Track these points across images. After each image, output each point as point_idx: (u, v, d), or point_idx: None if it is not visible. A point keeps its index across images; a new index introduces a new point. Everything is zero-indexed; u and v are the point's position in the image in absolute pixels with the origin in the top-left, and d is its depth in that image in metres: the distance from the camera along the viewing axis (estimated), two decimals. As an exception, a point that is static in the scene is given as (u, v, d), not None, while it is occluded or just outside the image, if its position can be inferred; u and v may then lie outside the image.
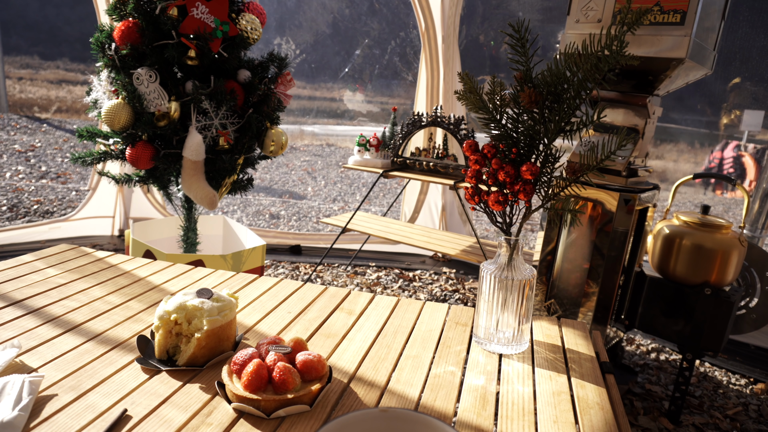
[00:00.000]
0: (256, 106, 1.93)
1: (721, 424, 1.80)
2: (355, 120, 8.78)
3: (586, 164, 0.84)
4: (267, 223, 4.56)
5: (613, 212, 1.62)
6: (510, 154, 0.88)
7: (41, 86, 8.75)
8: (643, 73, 1.61)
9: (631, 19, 0.79)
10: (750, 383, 2.11)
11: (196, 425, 0.66)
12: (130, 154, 1.77)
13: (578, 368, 0.86)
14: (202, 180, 1.83)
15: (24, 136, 6.70)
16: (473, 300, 2.77)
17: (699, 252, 1.65)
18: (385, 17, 8.40)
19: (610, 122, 1.75)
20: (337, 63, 8.51)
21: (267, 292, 1.11)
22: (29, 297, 1.01)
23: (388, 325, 0.99)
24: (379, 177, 2.52)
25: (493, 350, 0.90)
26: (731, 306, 1.62)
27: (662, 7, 1.49)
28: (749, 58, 6.26)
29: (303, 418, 0.68)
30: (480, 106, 0.89)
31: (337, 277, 2.99)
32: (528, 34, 0.84)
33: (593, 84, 0.81)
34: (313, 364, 0.72)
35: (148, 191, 3.39)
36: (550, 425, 0.70)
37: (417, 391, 0.76)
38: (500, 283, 0.88)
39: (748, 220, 2.60)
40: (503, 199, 0.88)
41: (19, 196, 4.41)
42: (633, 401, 1.89)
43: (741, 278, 1.98)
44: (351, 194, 5.92)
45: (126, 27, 1.71)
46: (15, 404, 0.65)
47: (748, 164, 6.20)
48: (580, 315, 1.73)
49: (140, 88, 1.72)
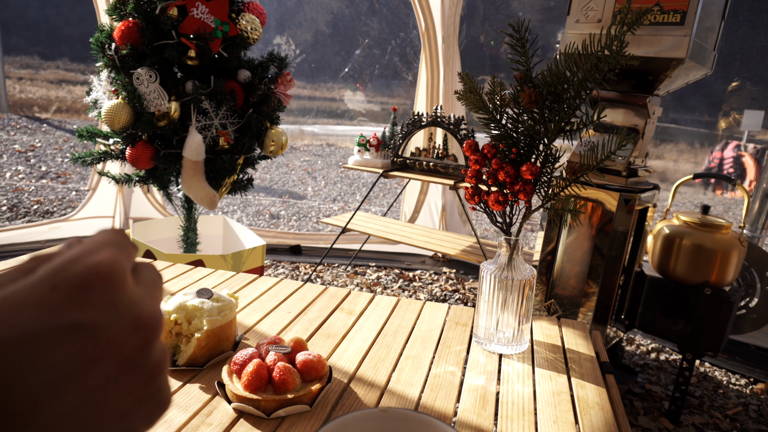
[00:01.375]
0: (256, 106, 1.93)
1: (721, 424, 1.80)
2: (355, 120, 8.79)
3: (586, 164, 0.84)
4: (267, 223, 4.56)
5: (613, 212, 1.62)
6: (510, 154, 0.88)
7: (41, 86, 8.76)
8: (643, 73, 1.61)
9: (631, 19, 0.79)
10: (750, 383, 2.11)
11: (196, 425, 0.66)
12: (130, 154, 1.77)
13: (578, 368, 0.86)
14: (202, 180, 1.83)
15: (24, 136, 6.70)
16: (473, 300, 2.77)
17: (699, 252, 1.65)
18: (385, 17, 8.40)
19: (610, 122, 1.75)
20: (337, 63, 8.52)
21: (267, 292, 1.11)
22: (29, 297, 1.01)
23: (388, 325, 0.99)
24: (379, 177, 2.52)
25: (493, 350, 0.90)
26: (731, 306, 1.62)
27: (662, 7, 1.49)
28: (749, 58, 6.26)
29: (303, 418, 0.68)
30: (480, 106, 0.89)
31: (337, 277, 2.99)
32: (528, 34, 0.84)
33: (593, 84, 0.81)
34: (313, 364, 0.72)
35: (148, 191, 3.39)
36: (550, 425, 0.70)
37: (417, 391, 0.76)
38: (500, 283, 0.88)
39: (748, 220, 2.60)
40: (503, 199, 0.88)
41: (19, 196, 4.41)
42: (633, 401, 1.89)
43: (741, 278, 1.98)
44: (351, 194, 5.92)
45: (126, 27, 1.71)
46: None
47: (748, 164, 6.21)
48: (580, 315, 1.73)
49: (140, 88, 1.72)
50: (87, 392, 0.21)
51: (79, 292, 0.21)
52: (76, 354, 0.20)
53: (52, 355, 0.19)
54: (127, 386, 0.22)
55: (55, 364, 0.19)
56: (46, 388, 0.19)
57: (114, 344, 0.21)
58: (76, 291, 0.21)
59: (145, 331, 0.23)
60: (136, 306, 0.23)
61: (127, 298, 0.22)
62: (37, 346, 0.19)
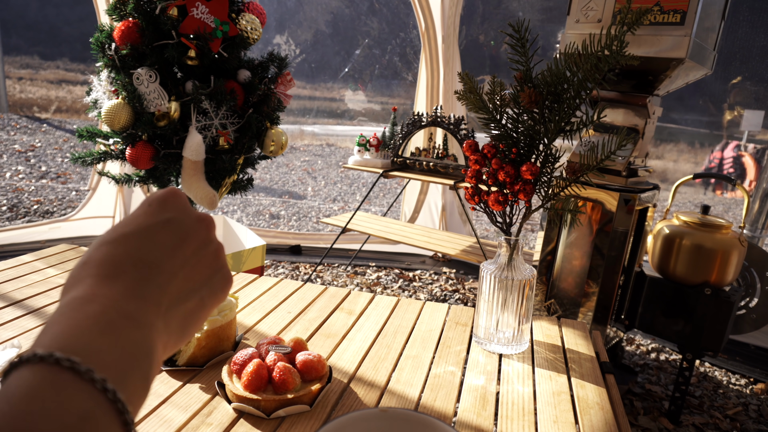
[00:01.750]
0: (256, 106, 1.93)
1: (721, 424, 1.80)
2: (355, 120, 8.79)
3: (586, 164, 0.84)
4: (267, 223, 4.56)
5: (613, 212, 1.62)
6: (510, 154, 0.88)
7: (41, 86, 8.75)
8: (643, 73, 1.61)
9: (631, 19, 0.79)
10: (750, 383, 2.11)
11: (196, 425, 0.66)
12: (130, 154, 1.77)
13: (578, 368, 0.86)
14: (202, 180, 1.83)
15: (24, 136, 6.70)
16: (473, 300, 2.77)
17: (699, 252, 1.65)
18: (385, 17, 8.40)
19: (610, 122, 1.75)
20: (337, 63, 8.51)
21: (267, 292, 1.11)
22: (29, 297, 1.01)
23: (388, 325, 0.99)
24: (379, 177, 2.52)
25: (493, 350, 0.90)
26: (731, 306, 1.62)
27: (662, 7, 1.49)
28: (749, 58, 6.26)
29: (303, 418, 0.68)
30: (480, 106, 0.89)
31: (337, 277, 2.99)
32: (528, 34, 0.84)
33: (593, 84, 0.81)
34: (313, 364, 0.72)
35: (148, 191, 3.38)
36: (550, 425, 0.70)
37: (417, 391, 0.76)
38: (500, 283, 0.88)
39: (748, 220, 2.60)
40: (503, 199, 0.88)
41: (19, 196, 4.41)
42: (633, 401, 1.89)
43: (741, 278, 1.98)
44: (351, 194, 5.92)
45: (126, 27, 1.71)
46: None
47: (748, 164, 6.20)
48: (580, 315, 1.73)
49: (140, 88, 1.72)
50: (184, 259, 0.34)
51: (163, 203, 0.36)
52: (171, 235, 0.34)
53: (159, 237, 0.34)
54: (204, 259, 0.36)
55: (162, 242, 0.34)
56: (162, 253, 0.33)
57: (190, 230, 0.36)
58: (161, 202, 0.36)
59: (206, 222, 0.37)
60: (195, 210, 0.37)
61: (190, 206, 0.37)
62: (149, 232, 0.33)
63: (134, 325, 0.29)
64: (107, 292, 0.29)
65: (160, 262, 0.33)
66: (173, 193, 0.36)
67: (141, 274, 0.31)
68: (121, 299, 0.29)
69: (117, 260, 0.31)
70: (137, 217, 0.34)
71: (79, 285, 0.30)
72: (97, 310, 0.28)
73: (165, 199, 0.36)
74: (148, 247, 0.33)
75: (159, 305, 0.31)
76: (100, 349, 0.26)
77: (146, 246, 0.33)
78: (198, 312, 0.35)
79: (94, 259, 0.31)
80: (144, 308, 0.30)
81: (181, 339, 0.34)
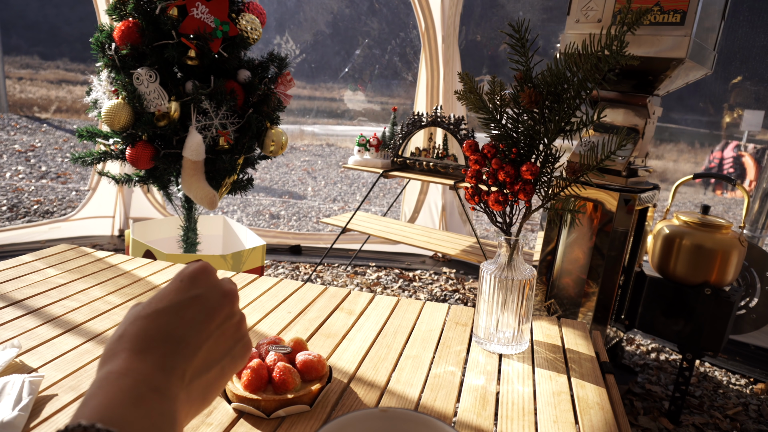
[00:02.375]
0: (256, 106, 1.93)
1: (721, 424, 1.80)
2: (355, 120, 8.79)
3: (586, 164, 0.84)
4: (267, 223, 4.56)
5: (613, 212, 1.62)
6: (510, 154, 0.88)
7: (41, 86, 8.76)
8: (643, 73, 1.61)
9: (631, 19, 0.79)
10: (750, 383, 2.11)
11: (196, 425, 0.66)
12: (130, 154, 1.77)
13: (578, 368, 0.86)
14: (202, 180, 1.83)
15: (24, 136, 6.70)
16: (473, 300, 2.77)
17: (699, 252, 1.65)
18: (385, 17, 8.40)
19: (610, 122, 1.75)
20: (337, 63, 8.51)
21: (267, 292, 1.11)
22: (29, 297, 1.01)
23: (388, 325, 0.99)
24: (379, 177, 2.52)
25: (493, 350, 0.90)
26: (731, 306, 1.62)
27: (662, 7, 1.49)
28: (749, 58, 6.26)
29: (303, 418, 0.68)
30: (480, 106, 0.89)
31: (337, 277, 2.99)
32: (528, 34, 0.84)
33: (593, 84, 0.81)
34: (313, 364, 0.72)
35: (148, 191, 3.39)
36: (550, 425, 0.70)
37: (417, 391, 0.76)
38: (500, 283, 0.88)
39: (748, 220, 2.60)
40: (503, 199, 0.88)
41: (19, 196, 4.41)
42: (633, 401, 1.89)
43: (741, 278, 1.98)
44: (351, 194, 5.92)
45: (126, 27, 1.71)
46: (15, 404, 0.65)
47: (748, 164, 6.21)
48: (580, 315, 1.73)
49: (140, 88, 1.72)
50: (209, 333, 0.38)
51: (193, 279, 0.40)
52: (199, 311, 0.38)
53: (188, 313, 0.38)
54: (228, 331, 0.40)
55: (191, 318, 0.38)
56: (190, 328, 0.37)
57: (216, 305, 0.40)
58: (191, 279, 0.40)
59: (230, 297, 0.41)
60: (222, 285, 0.41)
61: (217, 281, 0.41)
62: (179, 309, 0.38)
63: (161, 398, 0.33)
64: (138, 366, 0.34)
65: (187, 337, 0.37)
66: (203, 270, 0.41)
67: (169, 349, 0.36)
68: (150, 373, 0.34)
69: (149, 335, 0.36)
70: (169, 292, 0.39)
71: (115, 359, 0.35)
72: (129, 384, 0.33)
73: (195, 276, 0.40)
74: (176, 322, 0.37)
75: (183, 378, 0.36)
76: (134, 421, 0.31)
77: (175, 322, 0.37)
78: (218, 381, 0.39)
79: (128, 333, 0.36)
80: (170, 381, 0.35)
81: (202, 406, 0.38)
